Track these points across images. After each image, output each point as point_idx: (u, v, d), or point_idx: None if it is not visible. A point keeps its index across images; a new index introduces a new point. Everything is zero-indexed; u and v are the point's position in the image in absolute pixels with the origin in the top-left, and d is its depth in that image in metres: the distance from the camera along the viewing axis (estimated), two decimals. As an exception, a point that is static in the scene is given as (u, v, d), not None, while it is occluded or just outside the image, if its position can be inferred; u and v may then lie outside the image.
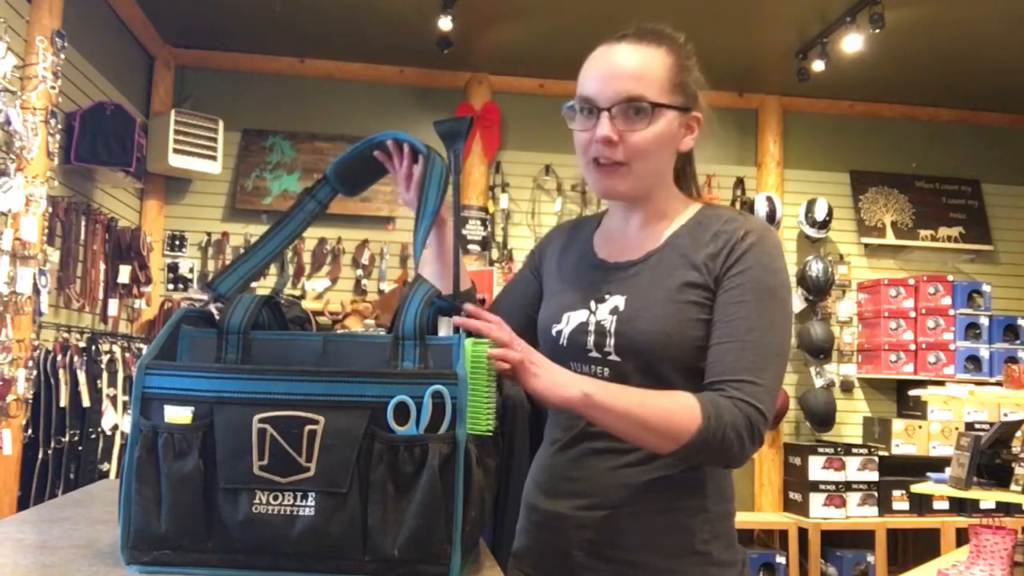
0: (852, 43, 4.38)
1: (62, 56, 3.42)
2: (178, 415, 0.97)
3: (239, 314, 1.05)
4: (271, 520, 0.95)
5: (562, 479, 1.33)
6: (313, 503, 0.95)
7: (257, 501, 0.95)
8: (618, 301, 1.28)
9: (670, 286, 1.26)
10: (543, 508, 1.34)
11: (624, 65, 1.27)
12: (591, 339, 1.28)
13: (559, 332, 1.33)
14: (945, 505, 4.93)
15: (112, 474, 3.75)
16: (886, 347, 5.19)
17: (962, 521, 4.60)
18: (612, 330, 1.27)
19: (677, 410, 1.15)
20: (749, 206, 5.30)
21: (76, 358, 3.53)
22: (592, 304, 1.31)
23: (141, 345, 4.32)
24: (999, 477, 3.40)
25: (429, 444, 0.95)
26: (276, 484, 0.95)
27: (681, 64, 1.31)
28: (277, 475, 0.95)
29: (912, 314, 5.17)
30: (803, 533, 4.85)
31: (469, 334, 1.06)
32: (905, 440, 5.06)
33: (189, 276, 4.98)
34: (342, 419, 0.96)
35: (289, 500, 0.95)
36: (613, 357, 1.26)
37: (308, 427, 0.96)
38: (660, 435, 1.15)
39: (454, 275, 1.24)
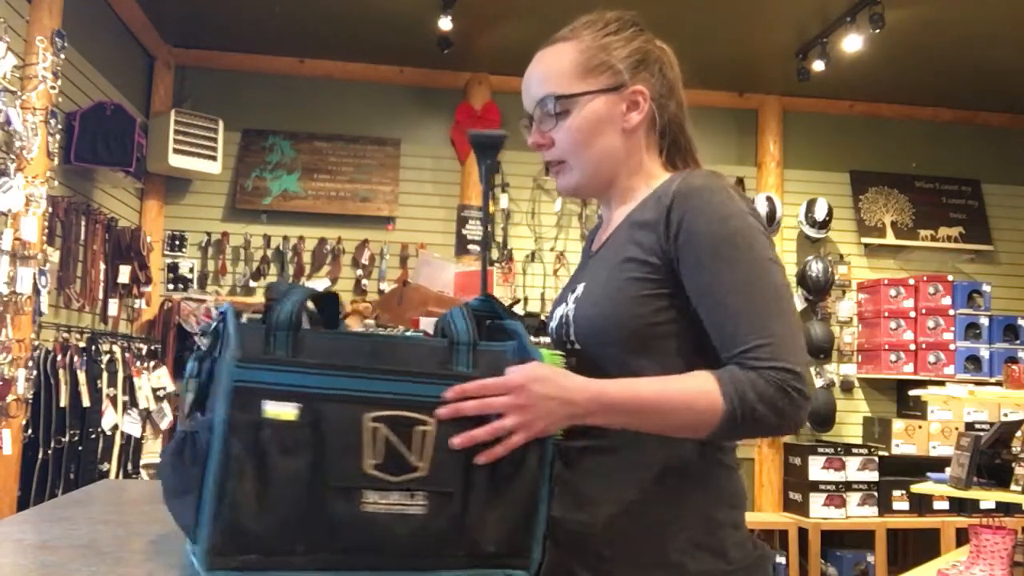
0: (852, 43, 4.38)
1: (62, 56, 3.42)
2: (281, 411, 0.93)
3: (287, 308, 1.00)
4: (380, 519, 0.95)
5: (557, 481, 1.27)
6: (424, 502, 0.97)
7: (366, 500, 0.95)
8: (580, 289, 1.26)
9: (613, 265, 1.21)
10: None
11: (532, 73, 1.29)
12: (564, 331, 1.26)
13: (551, 330, 1.34)
14: (945, 505, 4.92)
15: (112, 474, 3.75)
16: (886, 347, 5.19)
17: (962, 521, 4.60)
18: (571, 318, 1.24)
19: (694, 401, 1.09)
20: (749, 206, 5.30)
21: (76, 358, 3.53)
22: (569, 296, 1.29)
23: (141, 345, 4.32)
24: (999, 477, 3.40)
25: (529, 445, 1.01)
26: (387, 483, 0.95)
27: (600, 45, 1.26)
28: (388, 474, 0.96)
29: (912, 314, 5.17)
30: (803, 533, 4.85)
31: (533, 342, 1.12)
32: (905, 440, 5.06)
33: (189, 276, 4.97)
34: (453, 420, 0.99)
35: (397, 499, 0.96)
36: (576, 346, 1.23)
37: (418, 427, 0.97)
38: (685, 430, 1.12)
39: (482, 279, 1.33)
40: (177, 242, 4.98)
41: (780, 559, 4.81)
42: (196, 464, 0.92)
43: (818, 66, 4.68)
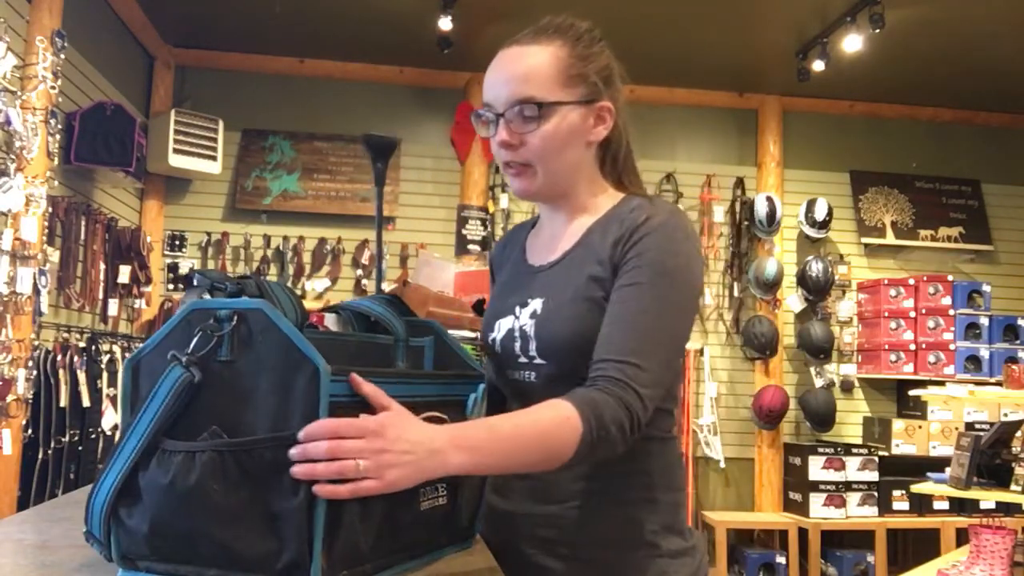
0: (852, 43, 4.38)
1: (62, 56, 3.42)
2: None
3: (289, 310, 0.99)
4: (428, 514, 1.02)
5: (512, 477, 1.29)
6: (444, 492, 1.05)
7: (422, 499, 1.01)
8: (536, 304, 1.28)
9: (579, 284, 1.24)
10: (497, 507, 1.31)
11: (512, 68, 1.27)
12: (518, 345, 1.28)
13: (493, 340, 1.33)
14: (945, 505, 4.93)
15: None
16: (886, 347, 5.19)
17: (962, 521, 4.60)
18: (532, 334, 1.26)
19: (554, 429, 1.08)
20: (749, 206, 5.30)
21: (76, 358, 3.53)
22: (517, 309, 1.30)
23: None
24: (999, 477, 3.40)
25: None
26: (431, 480, 1.00)
27: (579, 55, 1.27)
28: None
29: (912, 314, 5.17)
30: (803, 533, 4.85)
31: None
32: (905, 440, 5.06)
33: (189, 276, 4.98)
34: (454, 415, 1.07)
35: (431, 493, 1.03)
36: (538, 361, 1.26)
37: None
38: (545, 460, 1.09)
39: (376, 278, 1.35)
40: (177, 242, 4.99)
41: (780, 559, 4.81)
42: (269, 486, 0.84)
43: (818, 66, 4.68)
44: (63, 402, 3.42)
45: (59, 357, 3.44)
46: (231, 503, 0.84)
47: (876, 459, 4.99)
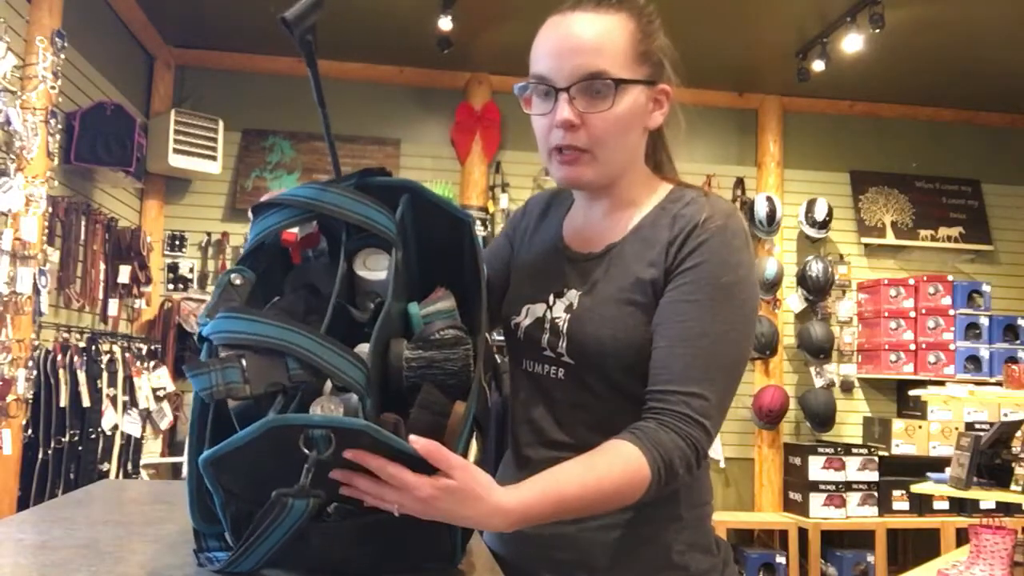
0: (852, 43, 4.38)
1: (62, 56, 3.41)
2: None
3: (351, 369, 0.97)
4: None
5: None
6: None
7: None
8: (573, 298, 1.18)
9: (623, 285, 1.14)
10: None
11: (581, 37, 1.12)
12: (546, 337, 1.19)
13: (517, 325, 1.23)
14: (945, 505, 4.93)
15: (112, 474, 3.75)
16: (886, 347, 5.19)
17: (962, 521, 4.60)
18: (564, 330, 1.16)
19: (623, 486, 1.02)
20: (749, 206, 5.30)
21: (76, 358, 3.53)
22: (551, 298, 1.20)
23: (141, 345, 4.32)
24: (999, 477, 3.40)
25: None
26: None
27: (644, 30, 1.15)
28: None
29: (912, 314, 5.17)
30: (803, 533, 4.85)
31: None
32: (905, 440, 5.06)
33: (189, 276, 4.97)
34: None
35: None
36: (566, 359, 1.17)
37: None
38: (611, 510, 1.07)
39: (334, 163, 1.19)
40: (177, 242, 4.98)
41: (780, 559, 4.81)
42: (407, 537, 0.99)
43: (818, 66, 4.68)
44: (63, 402, 3.42)
45: (59, 357, 3.44)
46: (372, 551, 0.95)
47: (876, 459, 4.99)
